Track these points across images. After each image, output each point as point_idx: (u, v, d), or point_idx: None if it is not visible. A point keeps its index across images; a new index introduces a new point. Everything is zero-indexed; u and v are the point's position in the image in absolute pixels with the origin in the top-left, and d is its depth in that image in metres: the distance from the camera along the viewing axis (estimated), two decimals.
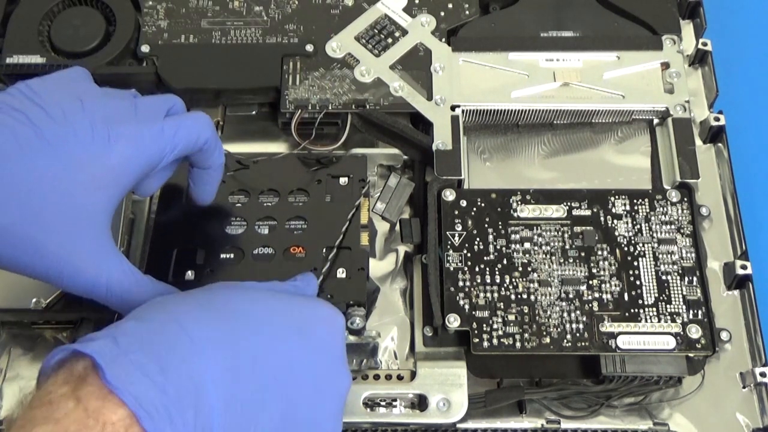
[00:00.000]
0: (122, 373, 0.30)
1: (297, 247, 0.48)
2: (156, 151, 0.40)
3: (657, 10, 0.57)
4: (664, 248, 0.49)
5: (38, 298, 0.46)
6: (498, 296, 0.47)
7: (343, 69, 0.54)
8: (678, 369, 0.46)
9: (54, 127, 0.38)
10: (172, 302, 0.35)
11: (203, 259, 0.48)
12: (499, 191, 0.51)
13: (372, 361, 0.48)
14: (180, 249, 0.48)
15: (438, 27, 0.56)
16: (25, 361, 0.49)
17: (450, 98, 0.53)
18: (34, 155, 0.37)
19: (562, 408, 0.47)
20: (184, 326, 0.33)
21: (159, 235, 0.49)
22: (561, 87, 0.54)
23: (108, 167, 0.39)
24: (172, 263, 0.48)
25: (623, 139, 0.55)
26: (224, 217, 0.49)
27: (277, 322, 0.36)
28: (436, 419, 0.45)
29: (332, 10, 0.57)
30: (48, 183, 0.37)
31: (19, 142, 0.37)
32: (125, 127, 0.39)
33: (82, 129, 0.38)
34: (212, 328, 0.34)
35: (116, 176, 0.39)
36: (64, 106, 0.39)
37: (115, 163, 0.39)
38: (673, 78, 0.54)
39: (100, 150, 0.38)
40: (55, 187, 0.37)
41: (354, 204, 0.49)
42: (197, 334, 0.33)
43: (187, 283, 0.47)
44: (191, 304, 0.35)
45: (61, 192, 0.37)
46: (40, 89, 0.39)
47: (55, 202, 0.37)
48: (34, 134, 0.37)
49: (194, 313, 0.34)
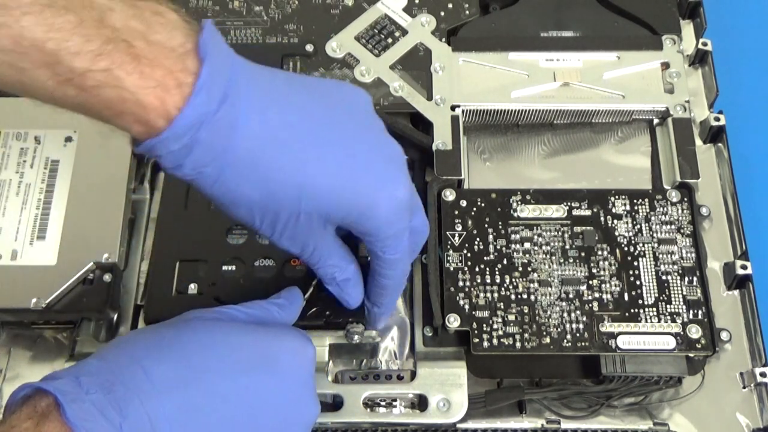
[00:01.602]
0: (82, 413, 0.32)
1: (297, 260, 0.48)
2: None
3: (657, 10, 0.57)
4: (664, 248, 0.49)
5: (38, 298, 0.46)
6: (498, 296, 0.47)
7: (343, 69, 0.54)
8: (678, 369, 0.46)
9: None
10: (135, 342, 0.37)
11: (205, 272, 0.48)
12: (499, 191, 0.51)
13: (372, 361, 0.48)
14: (182, 260, 0.48)
15: (438, 27, 0.56)
16: (25, 361, 0.49)
17: (450, 98, 0.53)
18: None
19: (562, 408, 0.47)
20: (145, 368, 0.35)
21: (161, 245, 0.49)
22: (561, 87, 0.54)
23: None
24: (175, 276, 0.48)
25: (623, 139, 0.55)
26: (225, 226, 0.49)
27: (238, 358, 0.37)
28: (436, 419, 0.45)
29: (332, 10, 0.57)
30: None
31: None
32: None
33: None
34: (171, 370, 0.35)
35: None
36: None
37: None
38: (673, 78, 0.54)
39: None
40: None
41: None
42: (156, 375, 0.35)
43: (190, 297, 0.47)
44: (153, 343, 0.37)
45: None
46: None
47: None
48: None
49: (155, 355, 0.36)
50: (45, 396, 0.33)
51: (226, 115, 0.34)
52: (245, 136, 0.35)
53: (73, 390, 0.33)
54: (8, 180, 0.49)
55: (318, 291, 0.46)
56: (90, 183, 0.49)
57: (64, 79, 0.32)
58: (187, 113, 0.33)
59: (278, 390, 0.37)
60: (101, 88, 0.32)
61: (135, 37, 0.33)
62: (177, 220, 0.49)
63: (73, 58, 0.31)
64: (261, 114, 0.35)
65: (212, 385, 0.36)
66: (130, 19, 0.33)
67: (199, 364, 0.36)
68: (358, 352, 0.48)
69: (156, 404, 0.34)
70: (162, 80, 0.33)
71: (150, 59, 0.33)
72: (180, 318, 0.39)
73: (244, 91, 0.35)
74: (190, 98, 0.33)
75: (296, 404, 0.38)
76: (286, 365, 0.38)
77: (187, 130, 0.33)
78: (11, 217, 0.48)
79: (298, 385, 0.38)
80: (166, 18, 0.34)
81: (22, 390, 0.33)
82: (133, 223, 0.51)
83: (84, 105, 0.33)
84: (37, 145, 0.50)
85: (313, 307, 0.46)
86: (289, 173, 0.36)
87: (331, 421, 0.45)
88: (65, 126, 0.51)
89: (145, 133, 0.34)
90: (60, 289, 0.46)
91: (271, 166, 0.35)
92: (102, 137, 0.50)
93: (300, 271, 0.48)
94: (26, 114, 0.51)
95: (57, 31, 0.31)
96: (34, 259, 0.47)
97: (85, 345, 0.48)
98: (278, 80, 0.37)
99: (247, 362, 0.37)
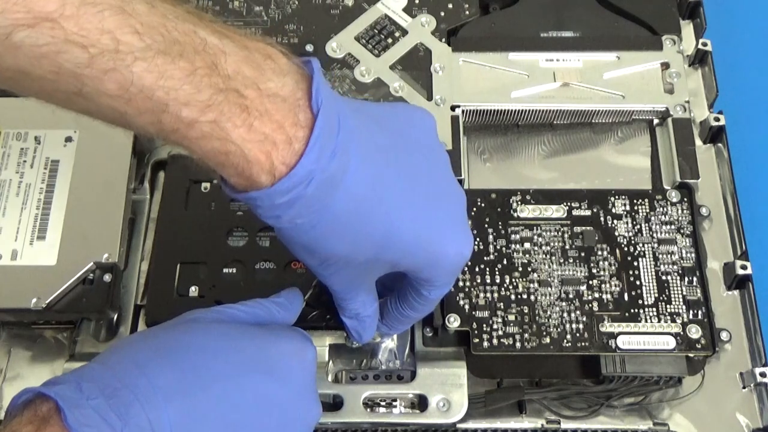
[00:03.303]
0: (83, 418, 0.32)
1: (298, 262, 0.48)
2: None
3: (657, 10, 0.57)
4: (664, 248, 0.49)
5: (38, 298, 0.46)
6: (498, 296, 0.47)
7: (343, 69, 0.54)
8: (678, 369, 0.46)
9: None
10: (137, 346, 0.36)
11: (206, 274, 0.48)
12: (499, 191, 0.51)
13: (372, 361, 0.48)
14: (183, 262, 0.48)
15: (438, 27, 0.56)
16: (25, 361, 0.49)
17: (450, 98, 0.53)
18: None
19: (562, 408, 0.47)
20: (146, 372, 0.34)
21: (162, 246, 0.49)
22: (561, 87, 0.54)
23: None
24: (176, 278, 0.48)
25: (623, 139, 0.55)
26: (226, 228, 0.49)
27: (239, 360, 0.37)
28: (436, 419, 0.45)
29: (332, 10, 0.57)
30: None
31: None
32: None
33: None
34: (173, 374, 0.35)
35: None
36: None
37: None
38: (673, 78, 0.54)
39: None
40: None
41: None
42: (158, 380, 0.34)
43: (192, 300, 0.47)
44: (154, 348, 0.36)
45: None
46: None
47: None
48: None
49: (157, 359, 0.35)
50: (46, 401, 0.33)
51: (335, 173, 0.33)
52: (348, 193, 0.33)
53: (75, 395, 0.33)
54: (8, 180, 0.49)
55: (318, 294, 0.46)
56: (90, 183, 0.49)
57: (168, 128, 0.31)
58: (298, 171, 0.32)
59: (280, 392, 0.37)
60: (205, 139, 0.31)
61: (246, 85, 0.31)
62: (177, 221, 0.49)
63: (182, 108, 0.30)
64: (362, 169, 0.34)
65: (214, 388, 0.35)
66: (242, 63, 0.32)
67: (201, 368, 0.36)
68: (358, 352, 0.48)
69: (158, 409, 0.34)
70: (271, 134, 0.32)
71: (260, 111, 0.31)
72: (181, 318, 0.39)
73: (352, 145, 0.33)
74: (302, 156, 0.32)
75: (298, 406, 0.38)
76: (287, 367, 0.38)
77: (295, 186, 0.32)
78: (11, 217, 0.48)
79: (300, 387, 0.38)
80: (276, 63, 0.33)
81: (23, 395, 0.33)
82: (133, 223, 0.51)
83: (183, 148, 0.32)
84: (37, 145, 0.50)
85: (313, 310, 0.46)
86: (380, 226, 0.35)
87: (331, 421, 0.45)
88: (65, 126, 0.51)
89: (244, 185, 0.33)
90: (60, 289, 0.46)
91: (364, 221, 0.35)
92: (102, 137, 0.50)
93: (301, 275, 0.48)
94: (26, 114, 0.51)
95: (168, 79, 0.30)
96: (34, 259, 0.47)
97: (85, 345, 0.48)
98: (365, 120, 0.35)
99: (248, 364, 0.37)
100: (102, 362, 0.35)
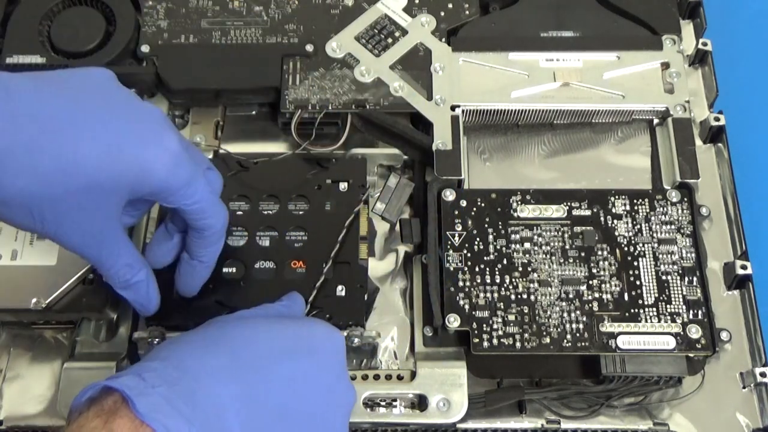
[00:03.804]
0: (151, 405, 0.33)
1: (297, 261, 0.48)
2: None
3: (657, 10, 0.57)
4: (664, 248, 0.49)
5: (38, 298, 0.46)
6: (498, 296, 0.47)
7: (343, 69, 0.54)
8: (678, 369, 0.46)
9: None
10: (183, 343, 0.38)
11: None
12: (499, 191, 0.51)
13: (372, 361, 0.48)
14: None
15: (438, 27, 0.56)
16: (25, 361, 0.49)
17: (450, 98, 0.53)
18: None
19: (562, 408, 0.47)
20: (202, 360, 0.36)
21: None
22: (561, 87, 0.54)
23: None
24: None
25: (623, 139, 0.55)
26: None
27: (282, 346, 0.38)
28: (436, 419, 0.45)
29: (332, 10, 0.57)
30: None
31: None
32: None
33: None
34: (226, 359, 0.36)
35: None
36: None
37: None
38: (673, 78, 0.54)
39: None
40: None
41: (352, 211, 0.49)
42: (214, 366, 0.36)
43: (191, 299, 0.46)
44: (203, 340, 0.38)
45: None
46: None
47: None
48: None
49: (208, 349, 0.37)
50: (111, 394, 0.33)
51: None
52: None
53: (139, 385, 0.33)
54: None
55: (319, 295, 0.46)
56: None
57: None
58: None
59: (319, 374, 0.38)
60: None
61: None
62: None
63: None
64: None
65: (264, 371, 0.37)
66: None
67: (249, 354, 0.37)
68: (358, 352, 0.48)
69: (218, 393, 0.35)
70: None
71: None
72: (209, 322, 0.40)
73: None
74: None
75: (336, 387, 0.39)
76: (324, 350, 0.39)
77: None
78: None
79: (336, 370, 0.39)
80: None
81: (86, 391, 0.34)
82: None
83: None
84: None
85: (313, 310, 0.46)
86: (57, 155, 0.36)
87: None
88: None
89: None
90: (60, 289, 0.46)
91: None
92: None
93: (300, 274, 0.48)
94: None
95: None
96: (34, 259, 0.47)
97: (85, 345, 0.48)
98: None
99: (289, 348, 0.38)
100: (156, 357, 0.36)
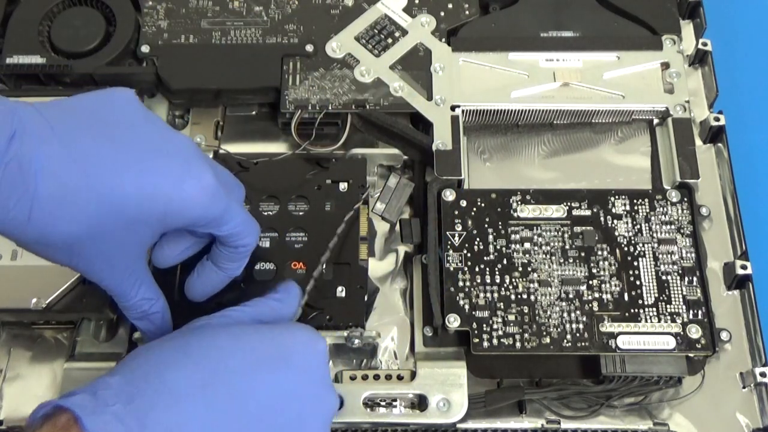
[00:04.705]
0: (101, 424, 0.33)
1: (298, 263, 0.48)
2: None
3: (657, 10, 0.57)
4: (664, 248, 0.49)
5: (38, 298, 0.46)
6: (498, 296, 0.47)
7: (343, 69, 0.54)
8: (678, 369, 0.46)
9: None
10: (151, 354, 0.37)
11: None
12: (499, 191, 0.51)
13: (372, 361, 0.48)
14: (184, 264, 0.48)
15: (438, 27, 0.56)
16: (25, 361, 0.49)
17: (450, 98, 0.53)
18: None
19: (562, 408, 0.47)
20: (164, 376, 0.35)
21: None
22: (561, 87, 0.54)
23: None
24: (177, 281, 0.47)
25: (623, 139, 0.55)
26: None
27: (255, 357, 0.37)
28: (436, 419, 0.45)
29: (332, 10, 0.57)
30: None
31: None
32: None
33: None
34: (192, 375, 0.36)
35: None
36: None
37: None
38: (673, 78, 0.54)
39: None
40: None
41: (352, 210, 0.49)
42: (177, 382, 0.35)
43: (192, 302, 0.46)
44: (170, 351, 0.37)
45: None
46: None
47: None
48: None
49: (173, 363, 0.36)
50: (64, 412, 0.33)
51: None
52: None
53: (91, 404, 0.33)
54: None
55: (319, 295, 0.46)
56: None
57: None
58: None
59: (296, 384, 0.38)
60: None
61: None
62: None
63: None
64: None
65: (234, 385, 0.36)
66: None
67: (219, 366, 0.36)
68: (358, 352, 0.48)
69: (180, 410, 0.34)
70: None
71: None
72: (188, 326, 0.40)
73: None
74: None
75: (314, 397, 0.39)
76: (301, 359, 0.39)
77: None
78: None
79: (315, 378, 0.39)
80: None
81: (40, 409, 0.34)
82: None
83: None
84: None
85: (314, 310, 0.46)
86: (101, 200, 0.36)
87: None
88: None
89: None
90: (60, 289, 0.46)
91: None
92: None
93: (300, 275, 0.48)
94: None
95: None
96: (34, 259, 0.47)
97: (85, 345, 0.48)
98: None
99: (264, 359, 0.37)
100: (116, 373, 0.36)
